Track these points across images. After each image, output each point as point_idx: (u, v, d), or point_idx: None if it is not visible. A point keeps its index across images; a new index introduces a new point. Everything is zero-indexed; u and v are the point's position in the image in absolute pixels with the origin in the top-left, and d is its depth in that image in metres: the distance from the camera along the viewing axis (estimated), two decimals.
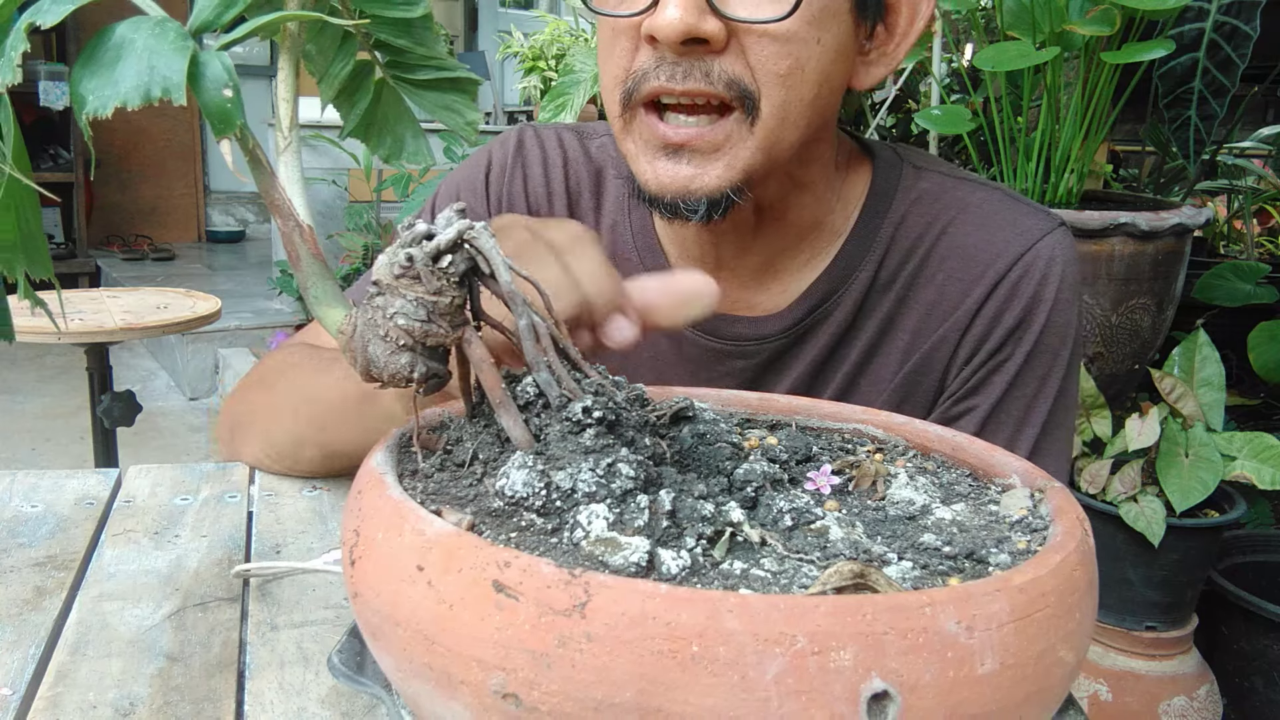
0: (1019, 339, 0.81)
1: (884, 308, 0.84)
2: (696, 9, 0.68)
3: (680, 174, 0.73)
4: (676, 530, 0.39)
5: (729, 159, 0.72)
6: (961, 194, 0.85)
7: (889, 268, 0.84)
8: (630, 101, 0.73)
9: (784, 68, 0.71)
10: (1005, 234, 0.82)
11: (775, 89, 0.71)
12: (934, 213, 0.84)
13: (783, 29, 0.70)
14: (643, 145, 0.74)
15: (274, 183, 0.44)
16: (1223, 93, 2.07)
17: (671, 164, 0.73)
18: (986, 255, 0.82)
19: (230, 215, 7.28)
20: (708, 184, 0.73)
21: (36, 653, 0.60)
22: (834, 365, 0.86)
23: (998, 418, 0.82)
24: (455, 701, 0.35)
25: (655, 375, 0.89)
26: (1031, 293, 0.81)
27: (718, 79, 0.70)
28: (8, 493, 0.84)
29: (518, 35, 4.40)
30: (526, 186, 0.92)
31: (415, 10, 0.48)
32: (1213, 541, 1.82)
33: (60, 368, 4.45)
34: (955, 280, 0.83)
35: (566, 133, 0.94)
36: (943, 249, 0.83)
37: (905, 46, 0.78)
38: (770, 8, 0.70)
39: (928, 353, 0.84)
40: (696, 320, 0.59)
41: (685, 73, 0.70)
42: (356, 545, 0.39)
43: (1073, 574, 0.37)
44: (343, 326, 0.43)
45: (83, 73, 0.37)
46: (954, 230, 0.83)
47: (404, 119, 0.54)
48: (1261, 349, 2.21)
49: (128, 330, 2.27)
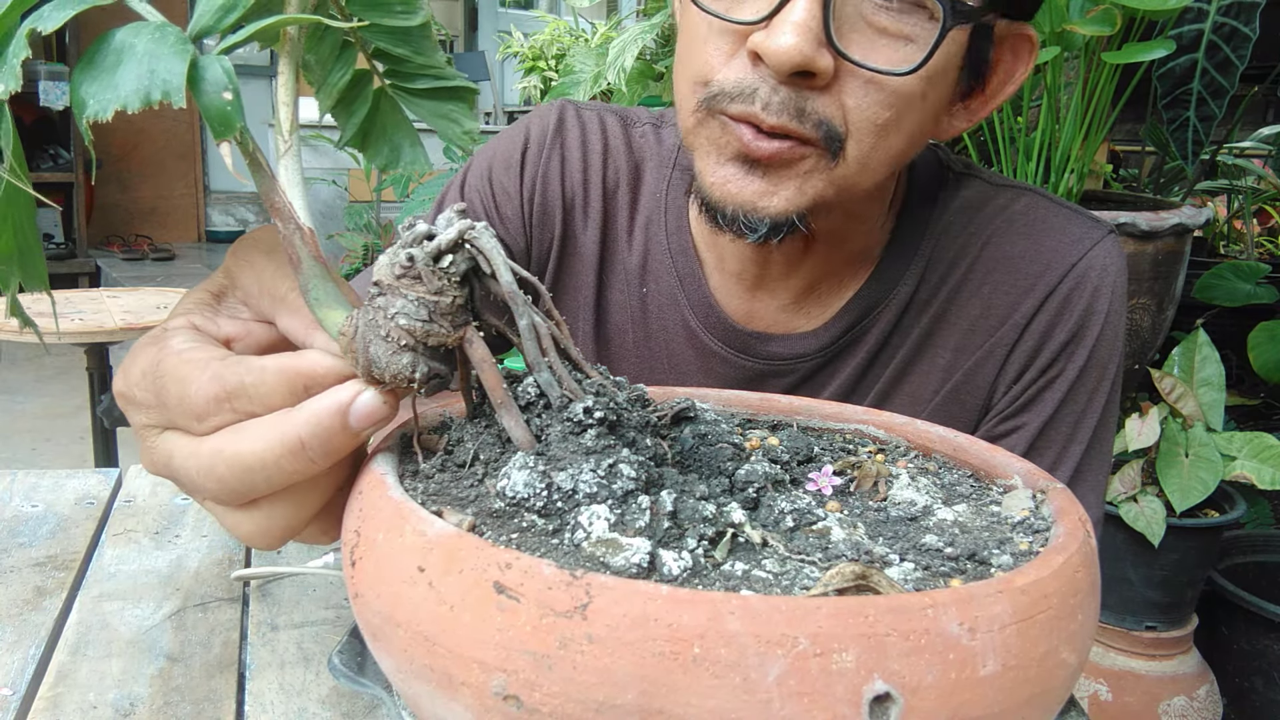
0: (1071, 354, 0.78)
1: (923, 324, 0.81)
2: (814, 40, 0.63)
3: (749, 188, 0.68)
4: (678, 531, 0.39)
5: (800, 183, 0.68)
6: (1006, 200, 0.81)
7: (930, 282, 0.80)
8: (711, 107, 0.68)
9: (883, 119, 0.66)
10: (1054, 242, 0.78)
11: (866, 137, 0.67)
12: (977, 223, 0.80)
13: (896, 82, 0.65)
14: (719, 146, 0.69)
15: (274, 185, 0.44)
16: (1221, 94, 2.07)
17: (743, 174, 0.68)
18: (1035, 266, 0.78)
19: (230, 215, 7.28)
20: (775, 205, 0.68)
21: (36, 653, 0.60)
22: (867, 384, 0.83)
23: (1047, 435, 0.79)
24: (456, 703, 0.35)
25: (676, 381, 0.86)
26: (1085, 306, 0.77)
27: (809, 118, 0.65)
28: (8, 493, 0.84)
29: (518, 35, 4.40)
30: (564, 170, 0.86)
31: (414, 19, 0.48)
32: (1213, 541, 1.82)
33: (60, 368, 4.45)
34: (1002, 293, 0.79)
35: (609, 116, 0.89)
36: (987, 261, 0.79)
37: (991, 107, 0.75)
38: (888, 54, 0.65)
39: (972, 369, 0.80)
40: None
41: (781, 105, 0.65)
42: (357, 546, 0.39)
43: (1075, 575, 0.37)
44: (344, 328, 0.43)
45: (83, 77, 0.37)
46: (999, 240, 0.79)
47: (401, 127, 0.54)
48: (1261, 349, 2.21)
49: (128, 330, 2.27)
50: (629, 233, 0.86)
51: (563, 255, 0.88)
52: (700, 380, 0.85)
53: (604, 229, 0.86)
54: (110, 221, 6.64)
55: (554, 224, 0.87)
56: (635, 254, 0.85)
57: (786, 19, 0.63)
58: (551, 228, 0.87)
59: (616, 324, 0.87)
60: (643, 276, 0.85)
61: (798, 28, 0.62)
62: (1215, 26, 2.04)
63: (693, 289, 0.83)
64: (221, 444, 0.42)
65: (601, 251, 0.86)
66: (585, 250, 0.87)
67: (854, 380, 0.82)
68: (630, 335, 0.86)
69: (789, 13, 0.63)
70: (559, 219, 0.86)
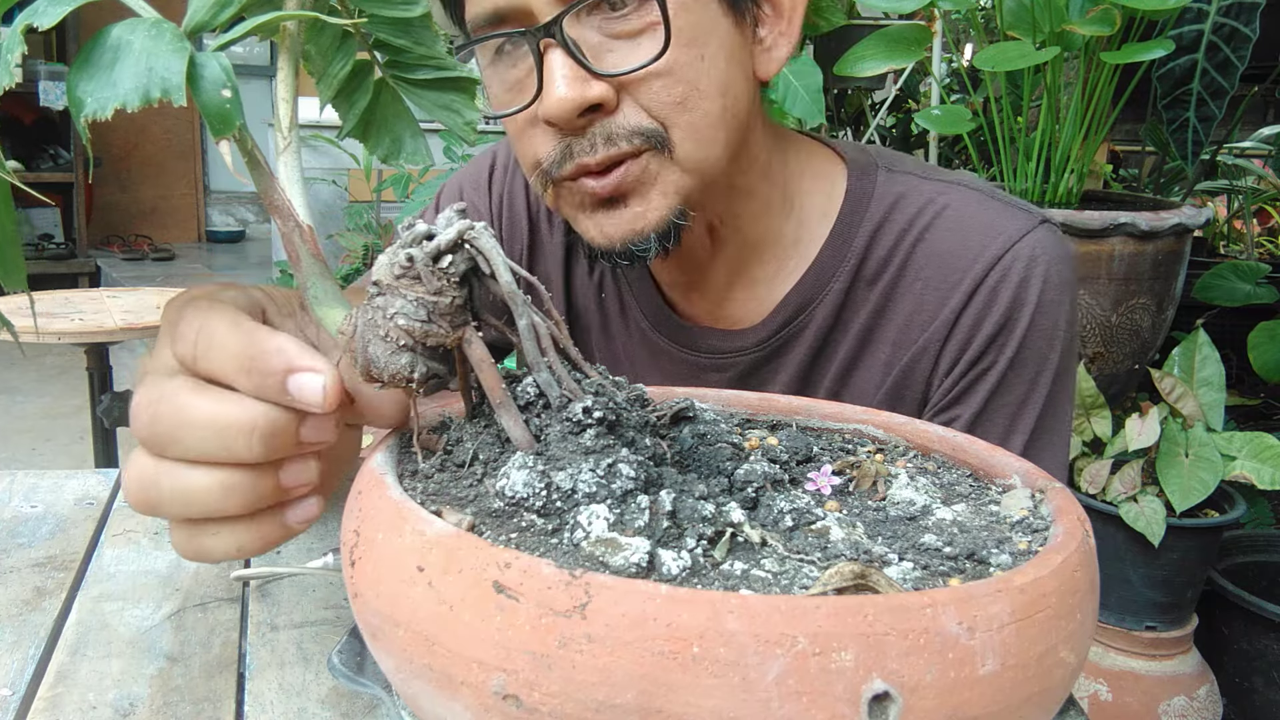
0: (1001, 346, 0.78)
1: (862, 319, 0.82)
2: (579, 81, 0.68)
3: (623, 219, 0.72)
4: (677, 531, 0.39)
5: (661, 187, 0.72)
6: (937, 195, 0.82)
7: (865, 276, 0.82)
8: (552, 180, 0.73)
9: (679, 95, 0.70)
10: (981, 237, 0.79)
11: (678, 117, 0.71)
12: (910, 217, 0.81)
13: (663, 64, 0.69)
14: (578, 206, 0.74)
15: (273, 183, 0.44)
16: (1221, 94, 2.07)
17: (610, 214, 0.73)
18: (963, 261, 0.79)
19: (230, 215, 7.28)
20: (651, 219, 0.72)
21: (36, 653, 0.60)
22: (815, 378, 0.85)
23: (982, 426, 0.79)
24: (456, 702, 0.35)
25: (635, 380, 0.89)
26: (1011, 297, 0.78)
27: (622, 137, 0.70)
28: (8, 493, 0.84)
29: None
30: (526, 187, 0.93)
31: (414, 9, 0.48)
32: (1213, 541, 1.82)
33: (60, 368, 4.45)
34: (932, 289, 0.80)
35: None
36: (920, 257, 0.81)
37: (798, 18, 0.76)
38: (642, 49, 0.69)
39: (909, 364, 0.81)
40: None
41: (592, 144, 0.70)
42: (356, 546, 0.39)
43: (1074, 575, 0.37)
44: (343, 327, 0.43)
45: (79, 75, 0.37)
46: (930, 236, 0.81)
47: (403, 119, 0.54)
48: (1261, 349, 2.21)
49: (128, 330, 2.27)
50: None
51: (533, 265, 0.94)
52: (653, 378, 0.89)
53: (568, 236, 0.92)
54: (110, 221, 6.64)
55: (522, 235, 0.94)
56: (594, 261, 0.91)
57: (551, 81, 0.68)
58: (520, 239, 0.94)
59: (583, 326, 0.94)
60: (600, 283, 0.92)
61: (562, 80, 0.68)
62: (1215, 27, 2.04)
63: (642, 294, 0.89)
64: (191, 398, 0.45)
65: (566, 259, 0.93)
66: (551, 258, 0.93)
67: (800, 376, 0.85)
68: (594, 336, 0.93)
69: (549, 76, 0.68)
70: (525, 229, 0.94)
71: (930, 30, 2.16)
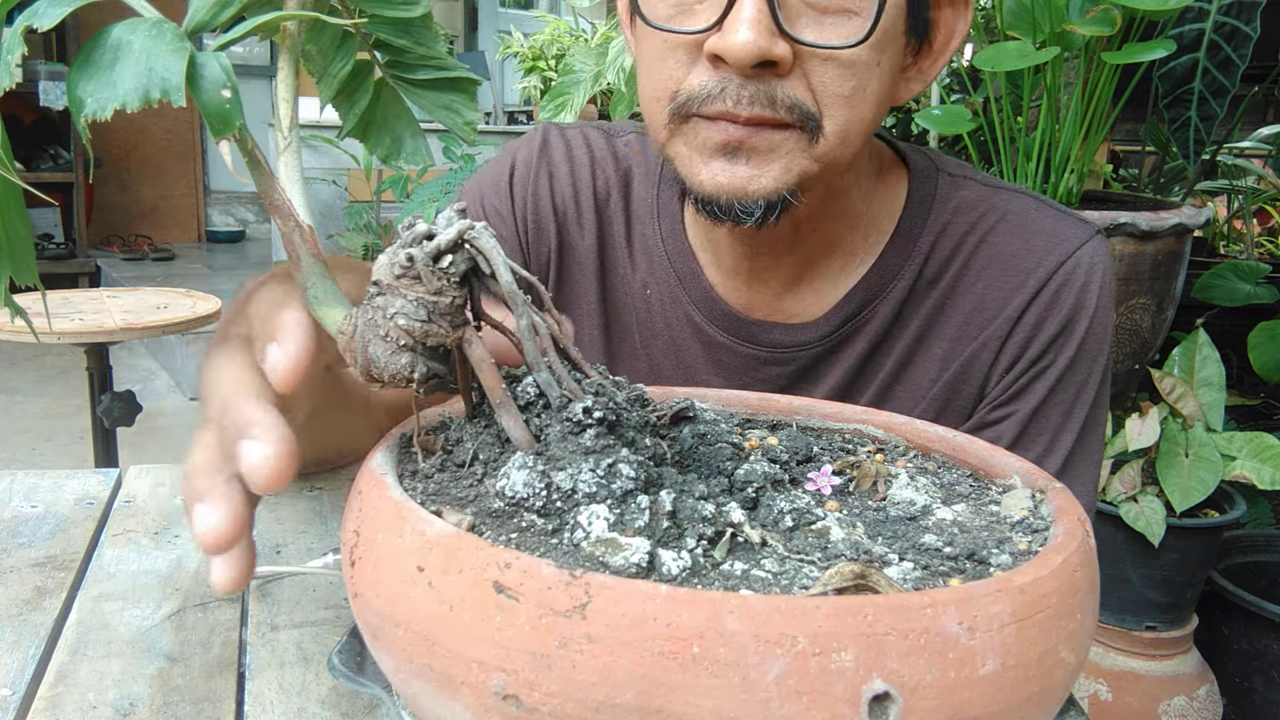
0: (1061, 346, 0.82)
1: (921, 317, 0.84)
2: (768, 31, 0.67)
3: (738, 175, 0.71)
4: (677, 531, 0.39)
5: (786, 162, 0.71)
6: (999, 202, 0.85)
7: (927, 276, 0.84)
8: (682, 113, 0.72)
9: (848, 90, 0.70)
10: (1045, 241, 0.83)
11: (839, 110, 0.71)
12: (972, 221, 0.84)
13: (851, 54, 0.69)
14: (698, 147, 0.73)
15: (273, 183, 0.44)
16: (1222, 93, 2.07)
17: (729, 164, 0.72)
18: (1027, 263, 0.82)
19: (230, 215, 7.28)
20: (764, 185, 0.71)
21: (36, 653, 0.60)
22: (870, 372, 0.86)
23: (1038, 422, 0.82)
24: (456, 702, 0.35)
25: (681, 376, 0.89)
26: (1074, 300, 0.82)
27: (781, 104, 0.69)
28: (8, 493, 0.84)
29: (518, 35, 4.40)
30: (553, 186, 0.90)
31: (415, 10, 0.48)
32: (1213, 541, 1.82)
33: (60, 368, 4.45)
34: (995, 288, 0.83)
35: (592, 131, 0.93)
36: (983, 257, 0.83)
37: (940, 64, 0.79)
38: (837, 31, 0.69)
39: (968, 360, 0.83)
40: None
41: (751, 98, 0.69)
42: (356, 546, 0.39)
43: (1074, 575, 0.37)
44: (343, 327, 0.43)
45: (79, 75, 0.37)
46: (993, 239, 0.84)
47: (403, 119, 0.54)
48: (1261, 349, 2.21)
49: (128, 330, 2.27)
50: (626, 238, 0.90)
51: (562, 265, 0.91)
52: (708, 372, 0.88)
53: (600, 236, 0.90)
54: (110, 221, 6.64)
55: (549, 237, 0.90)
56: (635, 258, 0.89)
57: (738, 18, 0.67)
58: (548, 241, 0.91)
59: (623, 324, 0.90)
60: (644, 279, 0.89)
61: (750, 23, 0.66)
62: (1216, 26, 2.04)
63: (693, 286, 0.87)
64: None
65: (600, 258, 0.90)
66: (584, 258, 0.90)
67: (855, 370, 0.85)
68: (637, 334, 0.90)
69: (739, 11, 0.67)
70: (554, 231, 0.90)
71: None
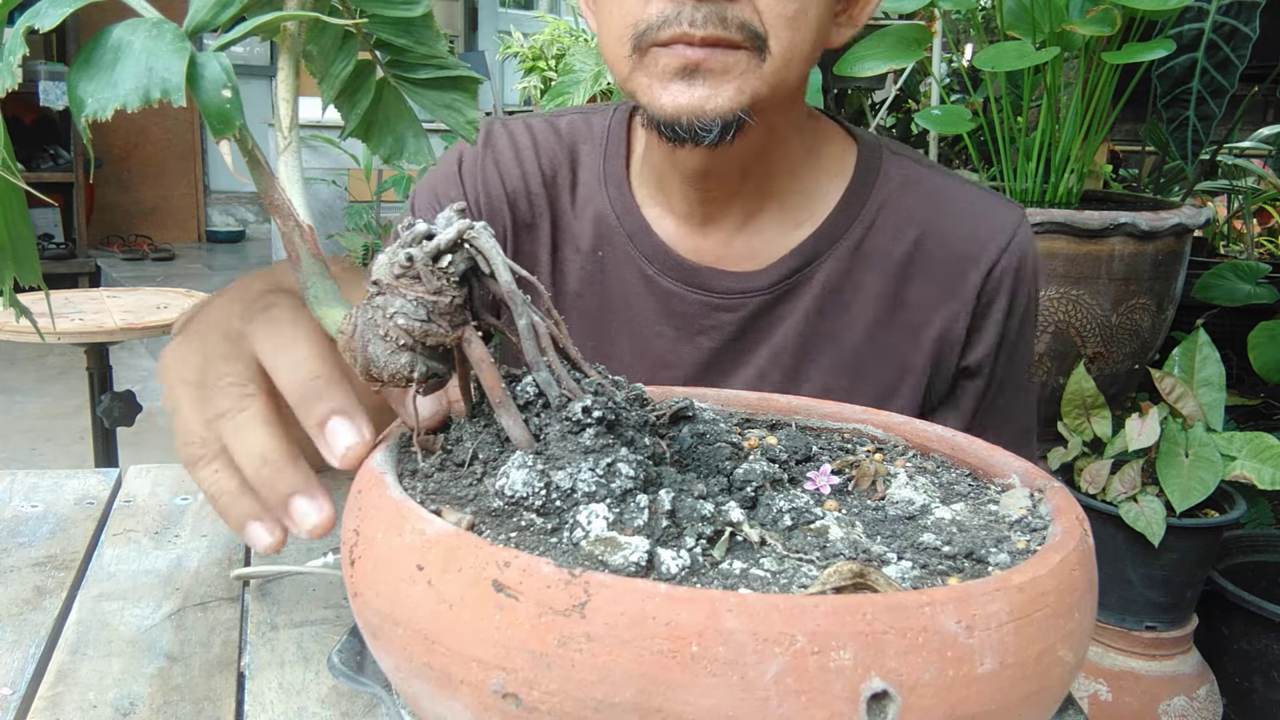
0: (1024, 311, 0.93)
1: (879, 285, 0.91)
2: None
3: (696, 95, 0.77)
4: (676, 530, 0.39)
5: (739, 83, 0.77)
6: (940, 184, 0.94)
7: (876, 243, 0.91)
8: (642, 44, 0.78)
9: (791, 11, 0.77)
10: (990, 224, 0.92)
11: (784, 31, 0.77)
12: (917, 200, 0.92)
13: None
14: (657, 74, 0.78)
15: (273, 183, 0.44)
16: (1221, 93, 2.07)
17: (686, 86, 0.77)
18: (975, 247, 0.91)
19: (230, 215, 7.28)
20: (720, 105, 0.77)
21: (36, 653, 0.61)
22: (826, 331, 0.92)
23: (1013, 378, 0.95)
24: (455, 701, 0.35)
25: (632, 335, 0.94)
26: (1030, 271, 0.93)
27: (731, 23, 0.75)
28: (8, 493, 0.84)
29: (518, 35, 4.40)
30: (500, 170, 0.96)
31: (415, 9, 0.48)
32: (1213, 541, 1.82)
33: (60, 368, 4.45)
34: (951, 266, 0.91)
35: (533, 119, 0.99)
36: (935, 237, 0.91)
37: (869, 10, 0.87)
38: None
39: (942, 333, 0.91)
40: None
41: (705, 18, 0.75)
42: (356, 545, 0.40)
43: (1072, 574, 0.37)
44: (342, 326, 0.43)
45: (80, 75, 0.37)
46: (942, 220, 0.92)
47: (405, 118, 0.54)
48: (1261, 349, 2.21)
49: (128, 330, 2.27)
50: (573, 206, 0.96)
51: (517, 242, 0.97)
52: (660, 324, 0.93)
53: (551, 210, 0.96)
54: (110, 221, 6.63)
55: (503, 218, 0.97)
56: (585, 224, 0.96)
57: None
58: (501, 221, 0.97)
59: (574, 290, 0.97)
60: (596, 242, 0.95)
61: None
62: (1215, 26, 2.04)
63: (643, 241, 0.93)
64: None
65: (553, 230, 0.97)
66: (539, 232, 0.97)
67: (807, 325, 0.92)
68: (588, 298, 0.96)
69: None
70: (506, 212, 0.97)
71: (930, 30, 2.16)
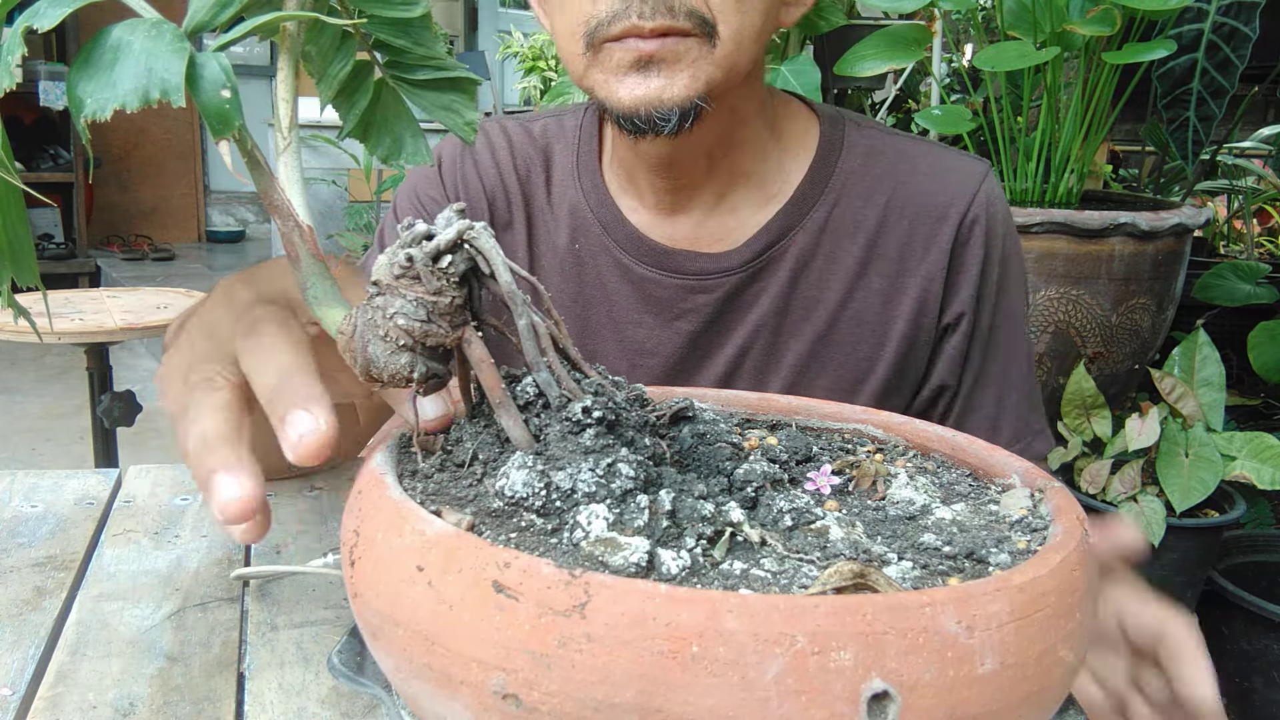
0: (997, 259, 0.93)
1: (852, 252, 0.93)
2: None
3: (651, 86, 0.78)
4: (676, 530, 0.39)
5: (693, 70, 0.78)
6: (905, 147, 0.96)
7: (845, 212, 0.93)
8: (594, 41, 0.79)
9: None
10: (955, 178, 0.94)
11: (731, 15, 0.78)
12: (882, 166, 0.94)
13: None
14: (612, 69, 0.79)
15: (273, 183, 0.44)
16: (1221, 94, 2.07)
17: (642, 79, 0.79)
18: (943, 200, 0.93)
19: (230, 215, 7.28)
20: (676, 93, 0.78)
21: (36, 653, 0.60)
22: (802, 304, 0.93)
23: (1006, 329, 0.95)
24: (455, 702, 0.35)
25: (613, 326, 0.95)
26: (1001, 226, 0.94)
27: (680, 12, 0.76)
28: (8, 493, 0.84)
29: (518, 35, 4.40)
30: (479, 170, 0.98)
31: (414, 10, 0.48)
32: (1213, 541, 1.82)
33: (60, 368, 4.45)
34: (922, 224, 0.92)
35: (509, 121, 1.02)
36: (901, 198, 0.93)
37: None
38: None
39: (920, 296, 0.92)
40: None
41: (653, 9, 0.76)
42: (356, 545, 0.39)
43: (1073, 574, 0.37)
44: (342, 327, 0.43)
45: (79, 75, 0.37)
46: (909, 181, 0.93)
47: (403, 119, 0.54)
48: (1261, 349, 2.21)
49: (128, 330, 2.27)
50: (549, 203, 0.98)
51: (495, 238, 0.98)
52: (639, 311, 0.95)
53: (527, 209, 0.99)
54: (110, 221, 6.64)
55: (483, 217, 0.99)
56: (560, 220, 0.97)
57: None
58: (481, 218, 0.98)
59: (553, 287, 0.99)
60: (571, 236, 0.97)
61: None
62: (1215, 26, 2.04)
63: (617, 231, 0.95)
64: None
65: (529, 229, 0.99)
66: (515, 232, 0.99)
67: (782, 300, 0.93)
68: (567, 293, 0.98)
69: None
70: (485, 209, 0.99)
71: (930, 30, 2.16)
